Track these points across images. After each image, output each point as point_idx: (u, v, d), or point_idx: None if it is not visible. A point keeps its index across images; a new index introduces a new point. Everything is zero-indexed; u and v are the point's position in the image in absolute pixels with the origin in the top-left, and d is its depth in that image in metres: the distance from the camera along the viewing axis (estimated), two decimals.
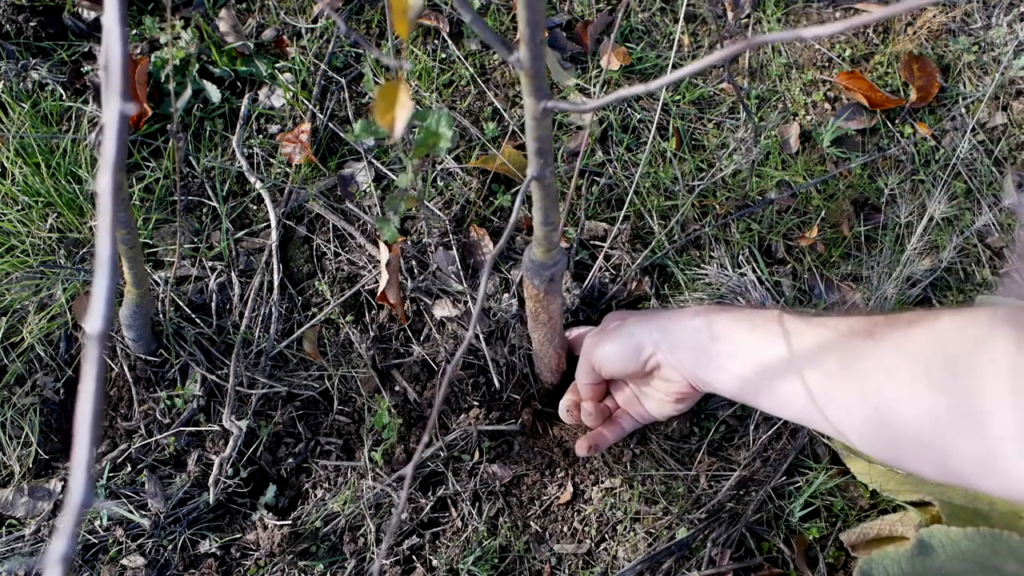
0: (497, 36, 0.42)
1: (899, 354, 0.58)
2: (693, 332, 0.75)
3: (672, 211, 1.10)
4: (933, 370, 0.55)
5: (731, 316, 0.74)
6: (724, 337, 0.73)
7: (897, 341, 0.58)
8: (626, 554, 0.90)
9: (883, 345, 0.59)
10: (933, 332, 0.56)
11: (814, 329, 0.66)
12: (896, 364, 0.58)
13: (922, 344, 0.57)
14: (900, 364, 0.57)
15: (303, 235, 1.08)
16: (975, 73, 1.25)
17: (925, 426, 0.56)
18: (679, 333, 0.77)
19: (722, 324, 0.74)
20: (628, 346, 0.81)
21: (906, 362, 0.57)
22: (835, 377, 0.62)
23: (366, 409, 0.98)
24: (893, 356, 0.58)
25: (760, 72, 1.25)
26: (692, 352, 0.76)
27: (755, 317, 0.72)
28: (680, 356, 0.77)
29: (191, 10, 1.16)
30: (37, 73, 1.10)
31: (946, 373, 0.54)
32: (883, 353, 0.59)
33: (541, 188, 0.61)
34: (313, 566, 0.89)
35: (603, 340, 0.84)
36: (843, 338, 0.63)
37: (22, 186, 1.02)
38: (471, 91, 1.17)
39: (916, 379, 0.56)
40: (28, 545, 0.88)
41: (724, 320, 0.74)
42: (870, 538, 0.89)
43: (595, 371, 0.87)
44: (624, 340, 0.81)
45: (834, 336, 0.64)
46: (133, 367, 0.97)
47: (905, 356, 0.57)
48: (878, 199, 1.14)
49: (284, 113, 1.14)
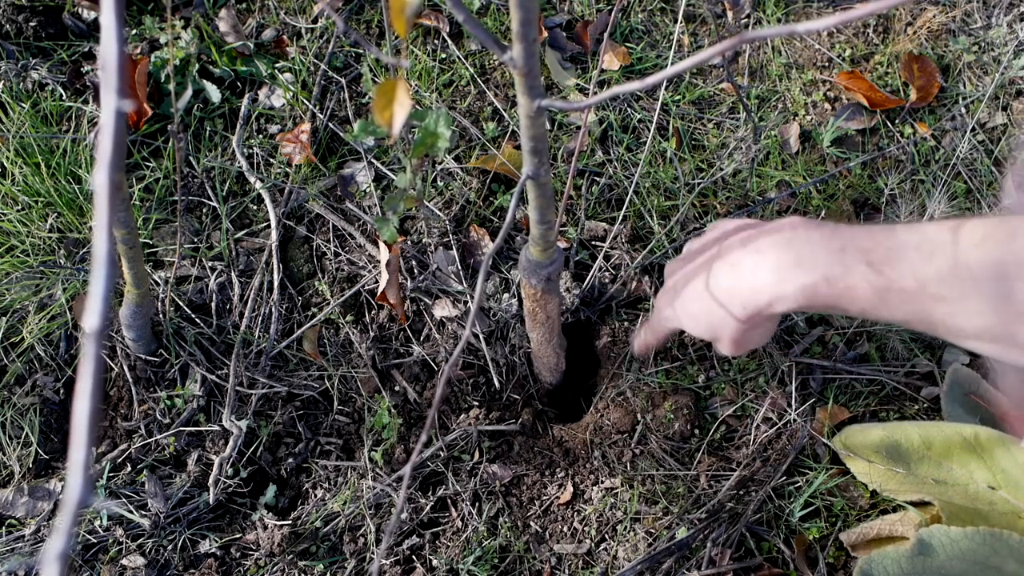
0: (491, 35, 0.42)
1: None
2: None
3: (672, 211, 1.10)
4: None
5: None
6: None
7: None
8: (626, 554, 0.90)
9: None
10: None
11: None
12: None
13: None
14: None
15: (303, 235, 1.08)
16: (975, 73, 1.25)
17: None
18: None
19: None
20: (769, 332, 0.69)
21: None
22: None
23: (366, 409, 0.98)
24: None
25: (760, 72, 1.25)
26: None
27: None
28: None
29: (191, 10, 1.16)
30: (37, 73, 1.10)
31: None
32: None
33: (536, 187, 0.61)
34: (313, 566, 0.89)
35: (746, 334, 0.67)
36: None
37: (22, 186, 1.02)
38: (471, 91, 1.17)
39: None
40: (28, 545, 0.88)
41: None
42: (870, 538, 0.88)
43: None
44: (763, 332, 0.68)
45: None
46: (133, 367, 0.97)
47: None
48: (878, 199, 1.14)
49: (284, 113, 1.15)
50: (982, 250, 0.53)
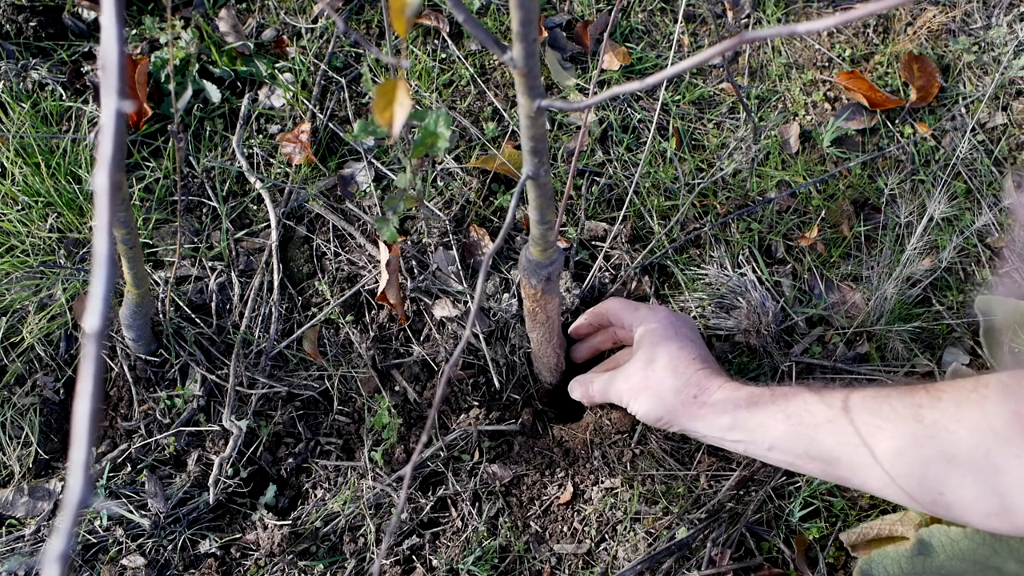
0: (491, 35, 0.42)
1: (953, 408, 0.61)
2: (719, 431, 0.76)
3: (672, 211, 1.10)
4: (986, 417, 0.59)
5: (763, 414, 0.74)
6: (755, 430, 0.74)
7: (950, 395, 0.62)
8: (626, 554, 0.90)
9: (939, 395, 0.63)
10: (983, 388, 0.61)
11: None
12: (947, 415, 0.61)
13: (973, 396, 0.61)
14: (953, 414, 0.61)
15: (303, 235, 1.08)
16: (975, 73, 1.25)
17: (977, 449, 0.58)
18: (712, 433, 0.78)
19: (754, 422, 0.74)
20: (654, 419, 0.81)
21: (959, 411, 0.61)
22: (878, 415, 0.65)
23: (366, 409, 0.98)
24: (946, 408, 0.62)
25: (760, 72, 1.25)
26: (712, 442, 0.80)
27: (786, 407, 0.72)
28: (716, 445, 0.81)
29: (191, 10, 1.16)
30: (37, 73, 1.10)
31: (999, 419, 0.57)
32: (935, 406, 0.63)
33: (536, 187, 0.61)
34: (313, 566, 0.89)
35: (634, 394, 0.82)
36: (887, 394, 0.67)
37: (22, 186, 1.02)
38: (471, 91, 1.17)
39: (968, 423, 0.60)
40: (28, 545, 0.88)
41: (755, 419, 0.74)
42: (870, 538, 0.88)
43: (595, 396, 0.90)
44: (652, 410, 0.80)
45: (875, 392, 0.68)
46: (133, 367, 0.97)
47: (959, 408, 0.61)
48: (878, 199, 1.14)
49: (284, 113, 1.15)
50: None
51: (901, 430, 0.62)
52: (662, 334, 0.83)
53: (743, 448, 0.75)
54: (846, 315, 1.05)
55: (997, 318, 0.97)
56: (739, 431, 0.74)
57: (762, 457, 0.74)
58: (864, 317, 1.03)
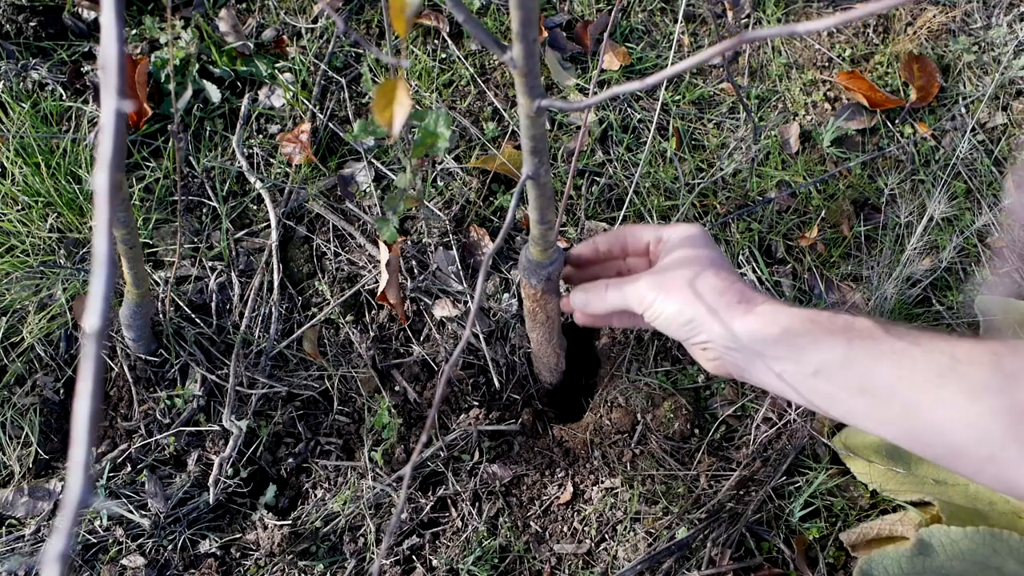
0: (491, 35, 0.42)
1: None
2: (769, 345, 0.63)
3: (672, 211, 1.10)
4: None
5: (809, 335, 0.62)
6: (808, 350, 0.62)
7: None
8: (626, 554, 0.90)
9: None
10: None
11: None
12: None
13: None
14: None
15: (303, 235, 1.08)
16: (975, 73, 1.25)
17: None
18: (751, 345, 0.64)
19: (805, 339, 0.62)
20: (682, 322, 0.66)
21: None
22: (952, 357, 0.57)
23: (366, 409, 0.98)
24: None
25: (760, 72, 1.25)
26: (761, 369, 0.65)
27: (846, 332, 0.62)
28: (742, 367, 0.66)
29: (191, 10, 1.16)
30: (37, 73, 1.10)
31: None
32: (1017, 356, 0.56)
33: (536, 187, 0.61)
34: (313, 566, 0.89)
35: (663, 291, 0.67)
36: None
37: (22, 186, 1.02)
38: (471, 91, 1.17)
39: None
40: (28, 545, 0.88)
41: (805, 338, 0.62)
42: (870, 538, 0.88)
43: (620, 307, 0.71)
44: (681, 311, 0.66)
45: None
46: (133, 367, 0.97)
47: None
48: (878, 199, 1.14)
49: (284, 113, 1.14)
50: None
51: (979, 374, 0.55)
52: (702, 240, 0.70)
53: (780, 369, 0.63)
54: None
55: (997, 318, 0.97)
56: (785, 346, 0.62)
57: (798, 386, 0.63)
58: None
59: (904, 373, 0.58)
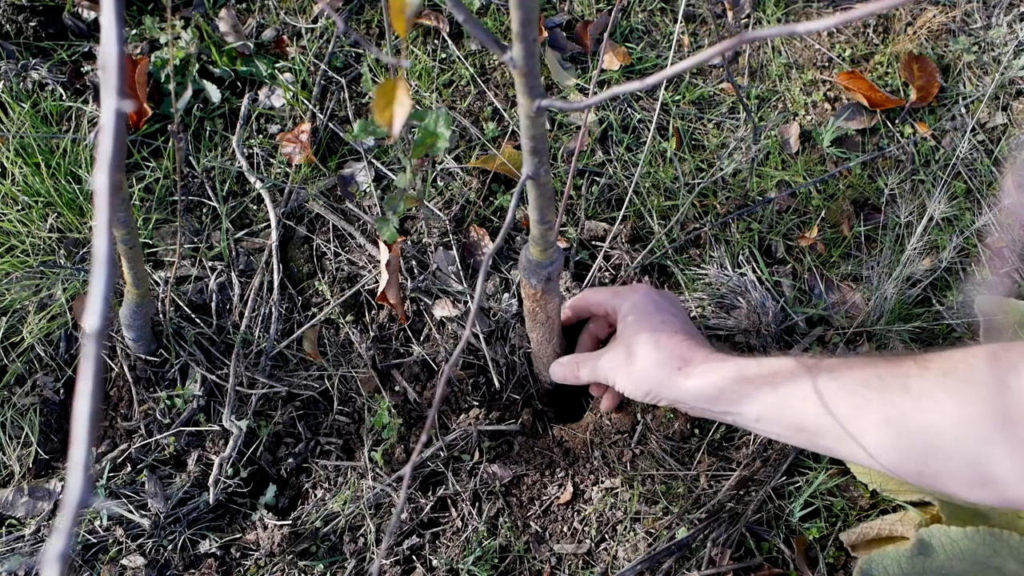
0: (491, 35, 0.42)
1: (941, 377, 0.59)
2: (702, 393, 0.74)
3: (672, 211, 1.10)
4: (973, 386, 0.56)
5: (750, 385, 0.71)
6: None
7: (938, 365, 0.60)
8: (626, 554, 0.90)
9: (922, 369, 0.61)
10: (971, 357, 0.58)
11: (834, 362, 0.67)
12: (934, 384, 0.59)
13: (961, 367, 0.58)
14: (940, 383, 0.59)
15: (303, 235, 1.08)
16: (975, 73, 1.25)
17: (965, 436, 0.56)
18: (698, 404, 0.75)
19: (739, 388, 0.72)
20: (641, 394, 0.78)
21: (946, 380, 0.58)
22: (865, 386, 0.62)
23: (366, 409, 0.98)
24: (934, 377, 0.59)
25: (760, 72, 1.25)
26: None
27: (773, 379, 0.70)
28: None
29: (191, 10, 1.16)
30: (37, 73, 1.10)
31: (987, 389, 0.55)
32: (923, 376, 0.60)
33: (536, 187, 0.61)
34: (313, 566, 0.89)
35: (620, 368, 0.80)
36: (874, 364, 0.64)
37: (22, 186, 1.02)
38: (471, 91, 1.17)
39: (955, 393, 0.57)
40: (28, 545, 0.88)
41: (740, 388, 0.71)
42: (870, 538, 0.88)
43: (589, 378, 0.86)
44: (638, 385, 0.78)
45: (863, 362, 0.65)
46: (133, 367, 0.97)
47: (946, 377, 0.59)
48: (878, 199, 1.14)
49: (284, 113, 1.15)
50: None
51: (888, 400, 0.61)
52: (644, 309, 0.81)
53: (731, 419, 0.73)
54: (846, 315, 1.05)
55: (997, 318, 0.97)
56: (725, 403, 0.72)
57: (750, 428, 0.73)
58: (864, 317, 1.03)
59: (826, 411, 0.65)
